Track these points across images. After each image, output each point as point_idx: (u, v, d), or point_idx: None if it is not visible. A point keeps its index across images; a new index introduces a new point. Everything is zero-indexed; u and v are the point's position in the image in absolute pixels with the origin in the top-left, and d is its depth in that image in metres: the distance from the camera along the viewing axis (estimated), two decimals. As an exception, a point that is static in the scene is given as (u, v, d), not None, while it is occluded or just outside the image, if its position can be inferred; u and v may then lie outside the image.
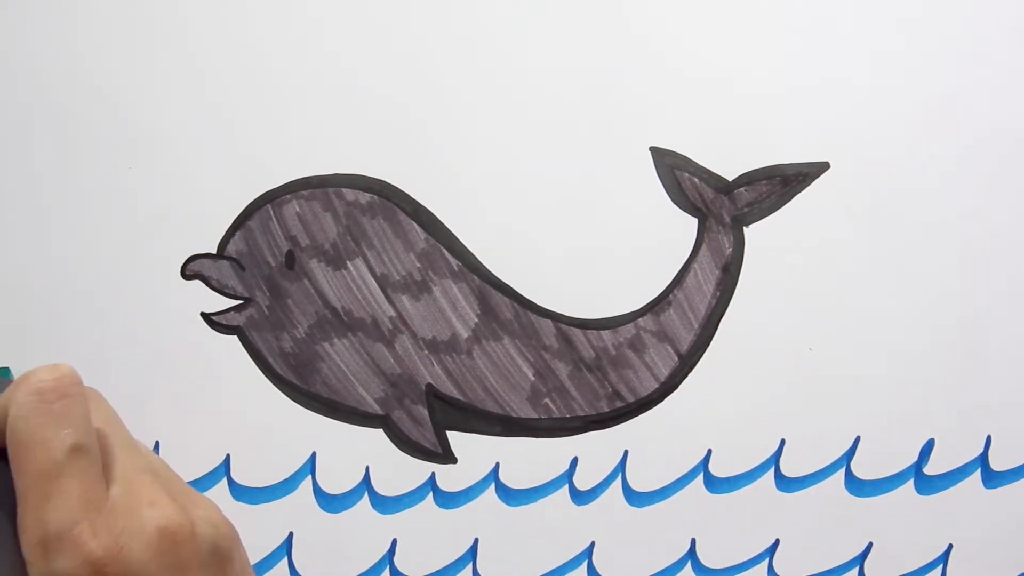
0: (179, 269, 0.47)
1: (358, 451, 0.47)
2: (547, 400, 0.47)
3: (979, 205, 0.46)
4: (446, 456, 0.47)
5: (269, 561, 0.47)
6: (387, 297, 0.47)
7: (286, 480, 0.47)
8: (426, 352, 0.47)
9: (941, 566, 0.47)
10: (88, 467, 0.26)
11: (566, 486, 0.47)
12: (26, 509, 0.25)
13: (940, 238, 0.46)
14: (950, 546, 0.47)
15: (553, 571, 0.47)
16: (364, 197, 0.47)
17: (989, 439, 0.47)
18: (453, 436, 0.47)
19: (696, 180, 0.46)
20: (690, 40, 0.46)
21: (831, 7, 0.46)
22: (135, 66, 0.46)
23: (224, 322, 0.47)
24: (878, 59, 0.46)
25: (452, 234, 0.47)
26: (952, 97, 0.46)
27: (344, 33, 0.46)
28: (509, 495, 0.47)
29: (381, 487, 0.47)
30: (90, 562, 0.25)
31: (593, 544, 0.47)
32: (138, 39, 0.46)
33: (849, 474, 0.46)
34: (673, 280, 0.47)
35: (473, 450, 0.47)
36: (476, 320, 0.47)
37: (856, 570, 0.47)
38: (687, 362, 0.47)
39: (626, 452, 0.47)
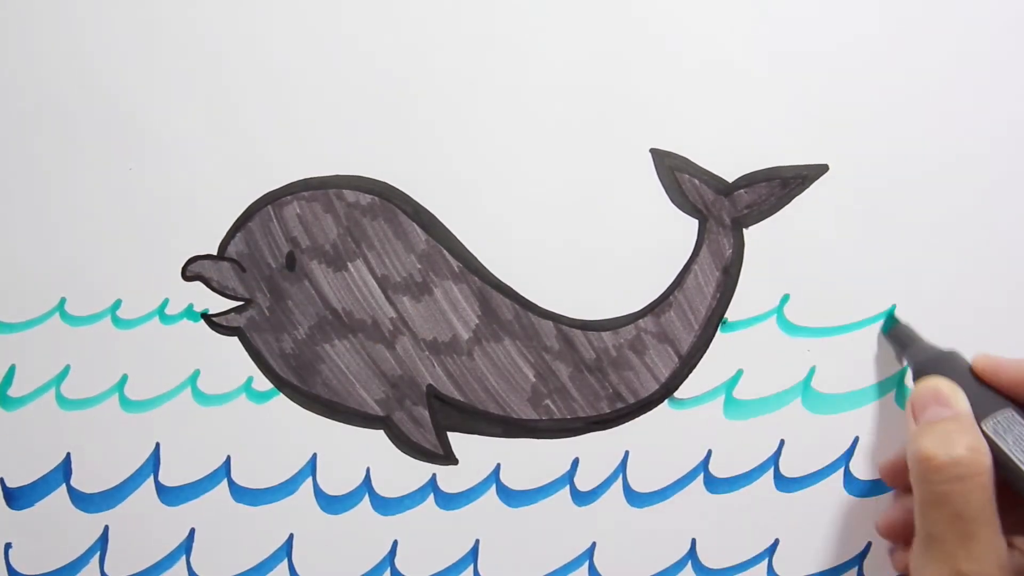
0: (179, 270, 0.46)
1: (359, 452, 0.47)
2: (548, 401, 0.47)
3: (979, 206, 0.46)
4: (447, 457, 0.47)
5: (269, 563, 0.47)
6: (388, 298, 0.47)
7: (287, 481, 0.47)
8: (427, 353, 0.47)
9: (940, 566, 0.47)
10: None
11: (567, 487, 0.47)
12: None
13: (940, 239, 0.46)
14: (948, 546, 0.47)
15: (554, 572, 0.47)
16: (365, 198, 0.47)
17: (987, 439, 0.47)
18: (454, 437, 0.47)
19: (696, 182, 0.46)
20: (691, 41, 0.46)
21: (833, 9, 0.46)
22: (136, 66, 0.46)
23: (224, 323, 0.47)
24: (878, 61, 0.46)
25: (453, 235, 0.47)
26: (953, 99, 0.46)
27: (344, 33, 0.46)
28: (510, 496, 0.47)
29: (382, 488, 0.47)
30: None
31: (594, 545, 0.47)
32: (139, 39, 0.46)
33: (849, 474, 0.46)
34: (673, 281, 0.47)
35: (474, 451, 0.47)
36: (477, 321, 0.47)
37: (855, 570, 0.47)
38: (687, 363, 0.47)
39: (627, 453, 0.47)
